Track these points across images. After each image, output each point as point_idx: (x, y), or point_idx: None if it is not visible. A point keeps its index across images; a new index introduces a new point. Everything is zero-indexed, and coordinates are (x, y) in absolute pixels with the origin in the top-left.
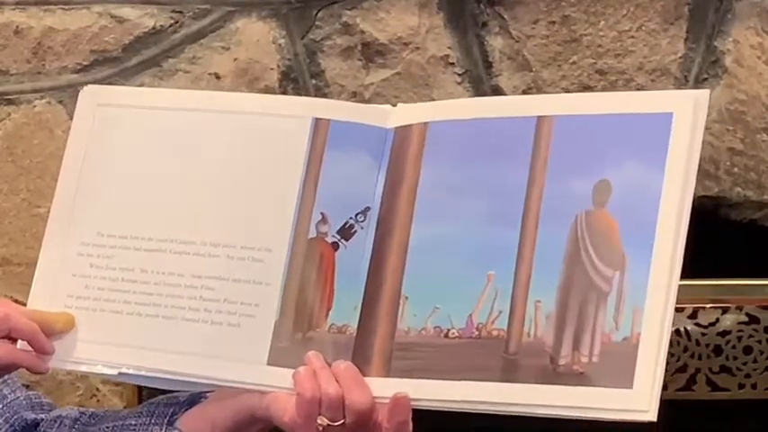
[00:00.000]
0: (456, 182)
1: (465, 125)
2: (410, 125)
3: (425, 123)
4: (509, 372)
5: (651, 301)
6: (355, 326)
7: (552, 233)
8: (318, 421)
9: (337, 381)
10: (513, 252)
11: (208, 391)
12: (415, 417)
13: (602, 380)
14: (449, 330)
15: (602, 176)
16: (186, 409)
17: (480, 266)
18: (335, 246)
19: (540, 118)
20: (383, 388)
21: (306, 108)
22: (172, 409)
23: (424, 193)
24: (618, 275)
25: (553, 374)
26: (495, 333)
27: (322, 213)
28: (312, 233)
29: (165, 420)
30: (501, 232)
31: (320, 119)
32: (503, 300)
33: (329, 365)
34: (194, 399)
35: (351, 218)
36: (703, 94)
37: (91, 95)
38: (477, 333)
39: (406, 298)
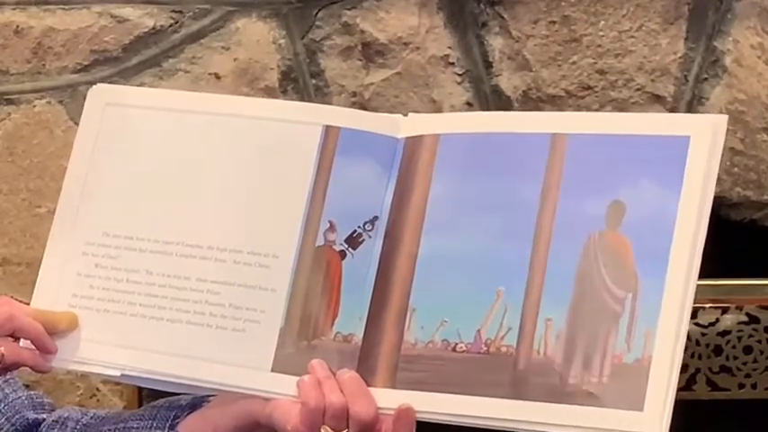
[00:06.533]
0: (468, 196)
1: (477, 139)
2: (421, 136)
3: (437, 135)
4: (517, 389)
5: (664, 324)
6: (361, 335)
7: (564, 252)
8: (322, 431)
9: (342, 390)
10: (525, 269)
11: (210, 396)
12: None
13: (613, 401)
14: (456, 344)
15: (616, 197)
16: (188, 413)
17: (490, 282)
18: (343, 254)
19: (554, 135)
20: (388, 399)
21: (316, 115)
22: (174, 413)
23: (434, 205)
24: (630, 297)
25: (562, 393)
26: (503, 349)
27: (330, 221)
28: (320, 241)
29: (167, 424)
30: (512, 248)
31: (331, 126)
32: (512, 316)
33: (333, 374)
34: (196, 403)
35: (359, 226)
36: (721, 119)
37: (99, 95)
38: (485, 348)
39: (414, 310)
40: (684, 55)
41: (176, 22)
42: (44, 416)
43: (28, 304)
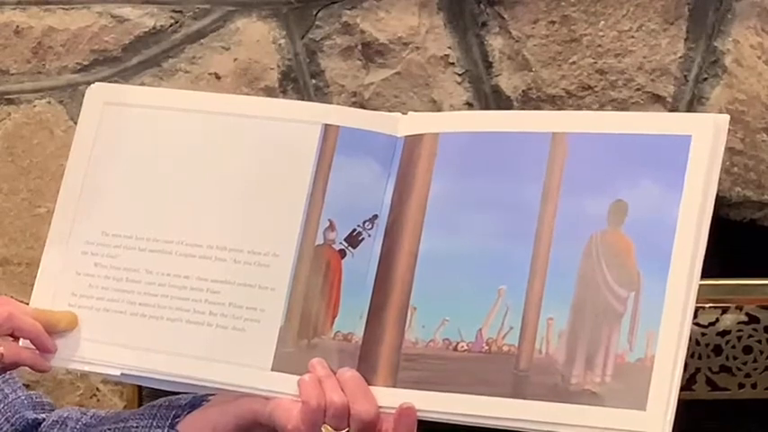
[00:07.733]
0: (468, 195)
1: (477, 138)
2: (421, 135)
3: (436, 134)
4: (519, 388)
5: (666, 323)
6: (361, 334)
7: (566, 251)
8: (323, 430)
9: (343, 389)
10: (526, 268)
11: (210, 395)
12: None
13: (615, 400)
14: (458, 343)
15: (618, 196)
16: (188, 413)
17: (491, 281)
18: (342, 253)
19: (555, 134)
20: (389, 398)
21: (316, 114)
22: (173, 412)
23: (434, 204)
24: (632, 296)
25: (564, 393)
26: (505, 348)
27: (330, 220)
28: (319, 240)
29: (167, 423)
30: (513, 248)
31: (330, 125)
32: (514, 315)
33: (334, 373)
34: (196, 402)
35: (358, 225)
36: (723, 118)
37: (98, 93)
38: (486, 348)
39: (415, 308)
40: (684, 55)
41: (176, 22)
42: (44, 416)
43: (28, 304)
